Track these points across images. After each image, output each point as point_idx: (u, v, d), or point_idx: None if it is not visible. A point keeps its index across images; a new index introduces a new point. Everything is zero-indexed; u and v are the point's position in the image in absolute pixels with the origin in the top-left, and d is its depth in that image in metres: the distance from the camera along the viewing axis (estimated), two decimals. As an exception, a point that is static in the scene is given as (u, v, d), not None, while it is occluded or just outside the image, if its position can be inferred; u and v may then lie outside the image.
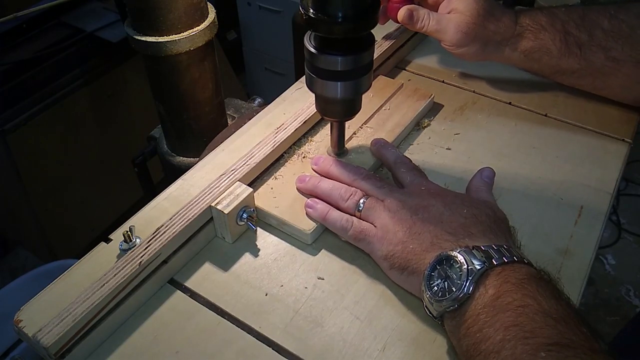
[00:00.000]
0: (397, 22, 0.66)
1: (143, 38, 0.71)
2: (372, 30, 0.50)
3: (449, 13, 0.64)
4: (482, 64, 0.79)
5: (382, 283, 0.50)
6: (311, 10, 0.47)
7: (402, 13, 0.64)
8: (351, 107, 0.56)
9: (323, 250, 0.53)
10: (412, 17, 0.64)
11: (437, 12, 0.65)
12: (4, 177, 1.36)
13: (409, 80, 0.76)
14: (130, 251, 0.47)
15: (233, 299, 0.49)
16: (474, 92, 0.74)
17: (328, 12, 0.46)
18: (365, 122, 0.65)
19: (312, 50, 0.50)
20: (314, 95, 0.56)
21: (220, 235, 0.54)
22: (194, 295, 0.50)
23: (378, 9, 0.49)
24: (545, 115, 0.70)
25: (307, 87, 0.54)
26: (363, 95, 0.56)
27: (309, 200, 0.54)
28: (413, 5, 0.65)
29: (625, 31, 0.62)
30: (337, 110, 0.55)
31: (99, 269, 0.48)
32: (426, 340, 0.46)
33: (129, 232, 0.49)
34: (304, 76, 0.54)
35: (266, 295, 0.49)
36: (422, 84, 0.74)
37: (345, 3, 0.46)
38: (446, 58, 0.80)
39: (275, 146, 0.59)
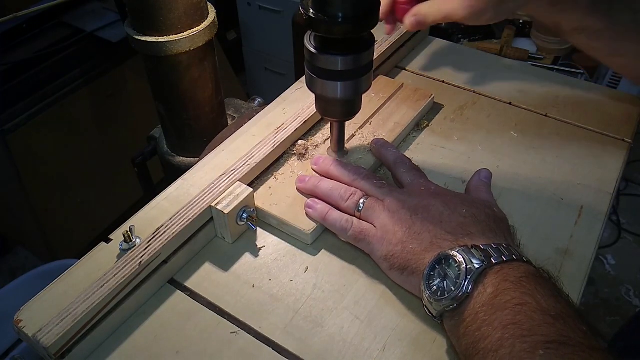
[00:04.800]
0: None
1: (143, 38, 0.71)
2: (372, 30, 0.51)
3: None
4: (482, 64, 0.79)
5: (382, 283, 0.50)
6: (311, 11, 0.47)
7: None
8: (351, 107, 0.56)
9: (323, 251, 0.53)
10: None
11: None
12: (4, 177, 1.36)
13: (409, 80, 0.76)
14: (130, 251, 0.47)
15: (233, 299, 0.49)
16: (474, 92, 0.74)
17: (328, 12, 0.46)
18: (365, 122, 0.65)
19: (312, 50, 0.50)
20: (314, 95, 0.56)
21: (220, 235, 0.54)
22: (194, 295, 0.50)
23: (378, 9, 0.49)
24: (545, 115, 0.70)
25: (307, 87, 0.55)
26: (363, 95, 0.56)
27: (309, 201, 0.54)
28: (413, 7, 0.64)
29: None
30: (337, 111, 0.55)
31: (99, 269, 0.48)
32: (426, 340, 0.46)
33: (129, 232, 0.49)
34: (304, 76, 0.55)
35: (261, 291, 0.49)
36: (422, 84, 0.74)
37: (346, 3, 0.46)
38: (446, 58, 0.80)
39: (275, 146, 0.59)
